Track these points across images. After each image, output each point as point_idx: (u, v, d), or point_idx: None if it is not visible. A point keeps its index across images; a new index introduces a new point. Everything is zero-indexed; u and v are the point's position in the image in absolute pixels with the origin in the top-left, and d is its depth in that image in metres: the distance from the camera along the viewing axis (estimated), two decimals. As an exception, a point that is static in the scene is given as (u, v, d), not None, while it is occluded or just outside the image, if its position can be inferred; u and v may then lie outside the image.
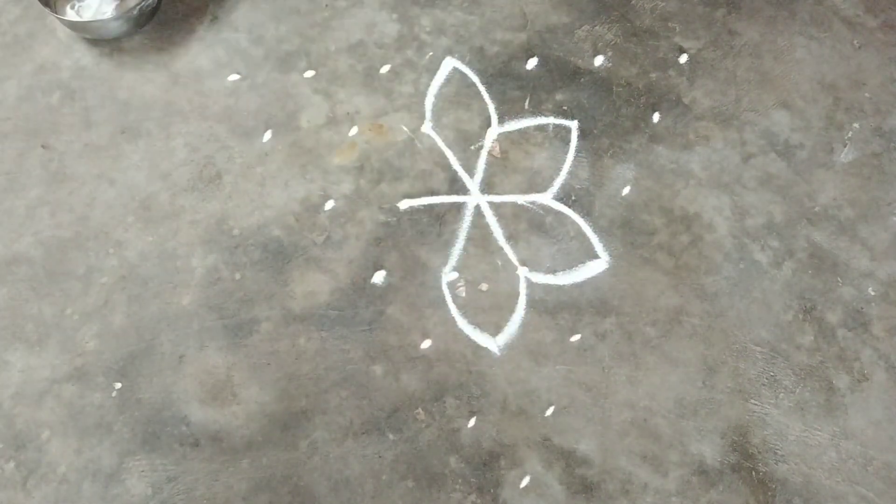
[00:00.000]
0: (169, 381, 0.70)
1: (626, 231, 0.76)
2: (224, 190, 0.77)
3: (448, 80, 0.83)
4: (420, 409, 0.69)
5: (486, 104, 0.82)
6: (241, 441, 0.68)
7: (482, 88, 0.83)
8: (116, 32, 0.83)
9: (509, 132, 0.81)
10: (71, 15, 0.85)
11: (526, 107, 0.82)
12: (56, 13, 0.84)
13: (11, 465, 0.67)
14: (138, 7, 0.81)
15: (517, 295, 0.73)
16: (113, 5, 0.84)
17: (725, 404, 0.69)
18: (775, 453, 0.67)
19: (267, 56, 0.83)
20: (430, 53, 0.84)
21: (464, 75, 0.83)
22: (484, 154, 0.80)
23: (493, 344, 0.72)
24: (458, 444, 0.68)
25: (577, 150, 0.80)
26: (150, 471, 0.66)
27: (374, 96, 0.81)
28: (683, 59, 0.85)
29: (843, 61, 0.85)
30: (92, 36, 0.84)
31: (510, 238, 0.76)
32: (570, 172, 0.79)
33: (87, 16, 0.84)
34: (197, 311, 0.72)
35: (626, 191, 0.78)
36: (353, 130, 0.80)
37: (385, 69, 0.83)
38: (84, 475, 0.66)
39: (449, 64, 0.84)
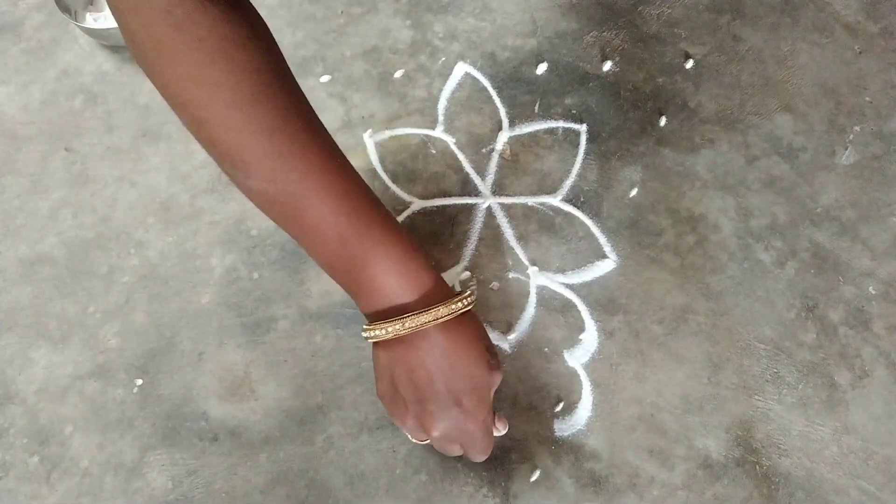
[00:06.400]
0: (189, 377, 0.70)
1: (633, 231, 0.77)
2: (242, 192, 0.78)
3: (460, 85, 0.84)
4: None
5: (497, 108, 0.83)
6: (259, 436, 0.68)
7: (493, 93, 0.83)
8: (134, 39, 0.85)
9: (520, 135, 0.81)
10: (90, 22, 0.86)
11: (536, 111, 0.82)
12: (76, 20, 0.85)
13: (35, 459, 0.68)
14: (155, 15, 0.82)
15: (527, 294, 0.74)
16: None
17: (730, 400, 0.70)
18: (779, 448, 0.68)
19: (283, 61, 0.84)
20: (443, 59, 0.85)
21: (475, 80, 0.84)
22: (495, 157, 0.80)
23: (504, 341, 0.72)
24: (470, 438, 0.68)
25: (586, 153, 0.80)
26: (171, 465, 0.67)
27: (388, 100, 0.82)
28: (689, 64, 0.85)
29: (845, 66, 0.85)
30: (110, 43, 0.85)
31: (520, 238, 0.77)
32: (578, 174, 0.79)
33: (104, 22, 0.86)
34: (216, 310, 0.73)
35: (633, 192, 0.78)
36: (368, 133, 0.81)
37: (399, 74, 0.84)
38: (106, 469, 0.67)
39: (461, 69, 0.84)
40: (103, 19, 0.86)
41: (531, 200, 0.78)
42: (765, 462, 0.67)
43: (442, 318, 0.51)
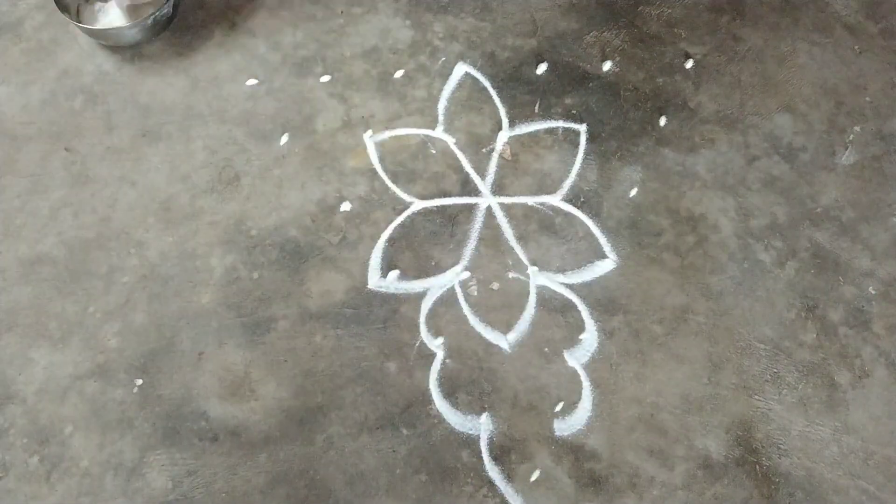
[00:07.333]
0: (189, 377, 0.71)
1: (633, 231, 0.77)
2: (242, 191, 0.78)
3: (460, 85, 0.84)
4: (433, 405, 0.70)
5: (497, 108, 0.83)
6: (259, 436, 0.69)
7: (493, 93, 0.84)
8: (133, 40, 0.85)
9: (520, 135, 0.82)
10: (90, 19, 0.86)
11: (536, 111, 0.83)
12: (78, 16, 0.86)
13: (35, 459, 0.68)
14: (153, 16, 0.83)
15: (527, 294, 0.74)
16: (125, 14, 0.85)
17: (730, 400, 0.70)
18: (778, 448, 0.68)
19: (284, 61, 0.85)
20: (443, 59, 0.85)
21: (476, 80, 0.84)
22: (495, 157, 0.80)
23: (503, 341, 0.72)
24: (470, 438, 0.69)
25: (586, 153, 0.81)
26: (171, 465, 0.68)
27: (388, 100, 0.82)
28: (689, 64, 0.85)
29: (845, 66, 0.85)
30: (109, 43, 0.86)
31: (520, 238, 0.77)
32: (578, 174, 0.80)
33: (104, 22, 0.86)
34: (216, 310, 0.73)
35: (633, 192, 0.79)
36: (368, 133, 0.82)
37: (399, 74, 0.84)
38: (106, 469, 0.67)
39: (461, 69, 0.85)
40: (102, 15, 0.86)
41: (531, 200, 0.78)
42: (765, 462, 0.68)
43: None
